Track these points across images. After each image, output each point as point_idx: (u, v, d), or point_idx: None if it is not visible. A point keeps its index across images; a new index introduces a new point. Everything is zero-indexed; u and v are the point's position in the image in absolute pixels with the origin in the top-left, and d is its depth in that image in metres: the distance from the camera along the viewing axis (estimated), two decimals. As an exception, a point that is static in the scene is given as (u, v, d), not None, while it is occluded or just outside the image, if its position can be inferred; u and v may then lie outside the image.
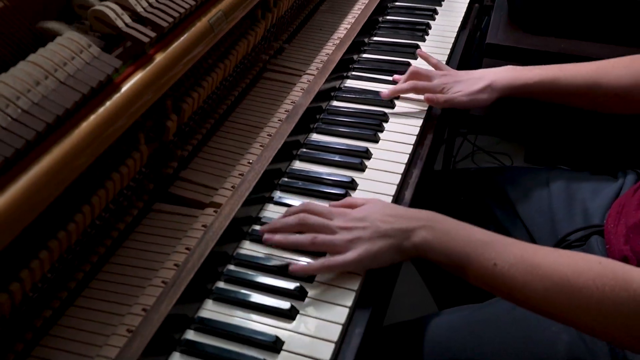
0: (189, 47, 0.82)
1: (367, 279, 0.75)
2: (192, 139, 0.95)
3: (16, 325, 0.65)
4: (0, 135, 0.57)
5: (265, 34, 1.11)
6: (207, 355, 0.68)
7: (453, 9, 1.37)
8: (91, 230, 0.74)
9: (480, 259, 0.70)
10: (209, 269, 0.75)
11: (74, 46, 0.68)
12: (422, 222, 0.74)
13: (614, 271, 0.63)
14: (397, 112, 1.05)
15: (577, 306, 0.65)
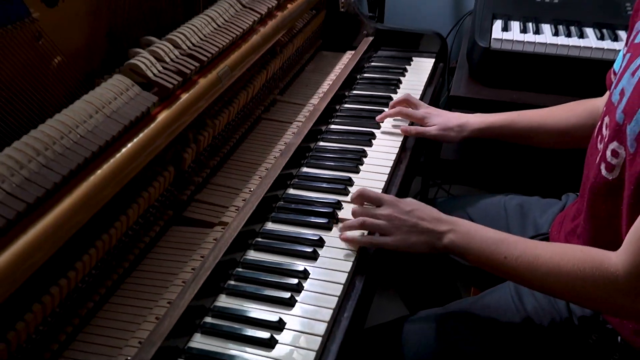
0: (202, 92, 1.01)
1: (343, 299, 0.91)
2: (202, 172, 1.13)
3: (69, 309, 0.80)
4: (65, 153, 0.75)
5: (262, 87, 1.32)
6: (223, 334, 0.83)
7: (420, 68, 1.59)
8: (125, 239, 0.90)
9: (494, 254, 0.88)
10: (221, 270, 0.91)
11: (122, 86, 0.87)
12: (451, 227, 0.92)
13: (591, 255, 0.82)
14: (374, 150, 1.24)
15: (566, 284, 0.82)
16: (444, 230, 0.92)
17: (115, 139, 0.84)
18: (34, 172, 0.71)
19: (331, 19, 1.70)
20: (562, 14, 1.65)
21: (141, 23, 1.09)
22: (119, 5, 1.01)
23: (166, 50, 1.00)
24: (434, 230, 0.92)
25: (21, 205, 0.67)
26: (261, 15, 1.25)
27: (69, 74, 0.91)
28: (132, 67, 0.95)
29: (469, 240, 0.90)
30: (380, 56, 1.65)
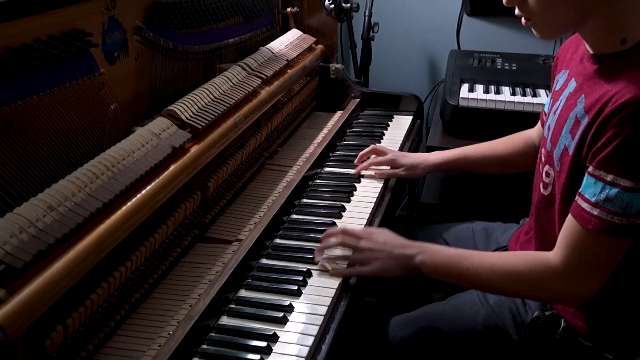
0: (224, 133, 1.27)
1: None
2: (221, 200, 1.36)
3: (107, 312, 1.01)
4: (122, 174, 0.99)
5: (266, 137, 1.58)
6: (244, 314, 1.04)
7: (400, 124, 1.87)
8: (161, 248, 1.12)
9: (457, 267, 1.09)
10: (240, 270, 1.13)
11: (163, 125, 1.12)
12: (419, 250, 1.13)
13: (535, 256, 1.05)
14: (362, 186, 1.49)
15: (519, 284, 1.05)
16: (414, 254, 1.13)
17: (157, 165, 1.08)
18: (108, 181, 0.95)
19: (323, 84, 1.99)
20: (519, 78, 1.96)
21: (173, 82, 1.35)
22: (157, 68, 1.28)
23: (195, 100, 1.26)
24: (406, 255, 1.13)
25: (87, 212, 0.89)
26: (266, 78, 1.53)
27: (122, 117, 1.17)
28: (170, 112, 1.20)
29: (435, 258, 1.12)
30: (366, 114, 1.93)
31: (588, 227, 0.96)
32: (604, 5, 0.97)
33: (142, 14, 1.22)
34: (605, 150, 0.93)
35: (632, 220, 0.93)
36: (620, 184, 0.92)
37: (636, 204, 0.92)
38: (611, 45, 0.99)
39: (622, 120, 0.91)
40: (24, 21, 0.91)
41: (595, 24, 1.00)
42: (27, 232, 0.81)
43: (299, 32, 1.89)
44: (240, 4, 1.64)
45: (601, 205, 0.94)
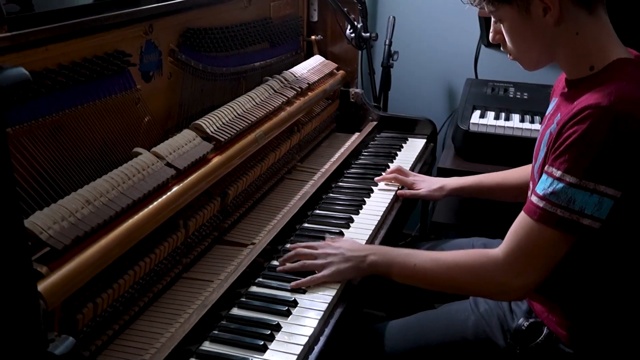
0: (245, 145, 1.40)
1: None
2: (241, 208, 1.49)
3: (132, 298, 1.14)
4: (152, 176, 1.13)
5: (286, 153, 1.71)
6: (254, 307, 1.16)
7: (414, 146, 1.98)
8: (182, 248, 1.25)
9: (407, 264, 1.20)
10: (253, 269, 1.25)
11: (189, 136, 1.26)
12: (372, 251, 1.24)
13: (480, 251, 1.15)
14: (372, 200, 1.60)
15: (465, 277, 1.15)
16: (366, 254, 1.23)
17: (182, 171, 1.21)
18: (138, 182, 1.09)
19: (343, 107, 2.12)
20: (529, 106, 2.06)
21: (201, 99, 1.50)
22: (187, 86, 1.43)
23: (220, 116, 1.40)
24: (358, 256, 1.23)
25: (119, 207, 1.03)
26: (288, 98, 1.67)
27: (154, 129, 1.32)
28: (197, 125, 1.35)
29: (387, 257, 1.22)
30: (382, 136, 2.05)
31: (533, 218, 1.06)
32: (566, 41, 1.11)
33: (176, 38, 1.37)
34: (559, 149, 1.04)
35: (575, 217, 1.03)
36: (566, 179, 1.02)
37: (579, 200, 1.02)
38: (581, 72, 1.12)
39: (577, 122, 1.02)
40: (74, 42, 1.07)
41: (564, 55, 1.13)
42: (67, 221, 0.95)
43: (321, 58, 2.03)
44: (266, 31, 1.79)
45: (547, 198, 1.04)
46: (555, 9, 1.07)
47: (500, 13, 1.13)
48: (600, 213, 1.02)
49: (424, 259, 1.19)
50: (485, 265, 1.12)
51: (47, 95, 1.02)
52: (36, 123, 1.00)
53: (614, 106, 1.00)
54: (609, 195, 1.02)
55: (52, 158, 1.04)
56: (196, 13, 1.43)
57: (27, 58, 0.97)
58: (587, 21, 1.10)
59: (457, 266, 1.15)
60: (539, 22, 1.09)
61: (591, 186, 1.01)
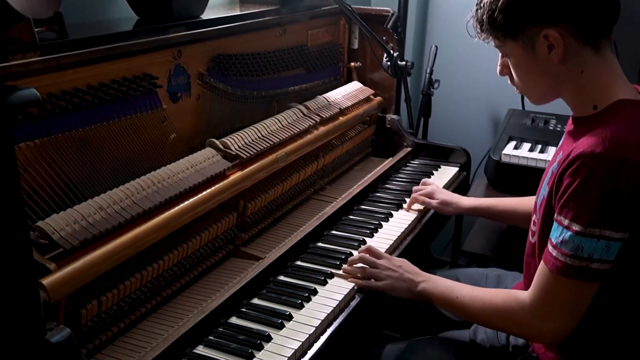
0: (265, 165, 1.49)
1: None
2: (261, 224, 1.57)
3: (144, 298, 1.24)
4: (168, 186, 1.23)
5: (313, 174, 1.78)
6: (251, 317, 1.23)
7: (445, 173, 2.00)
8: (196, 255, 1.35)
9: (450, 295, 1.25)
10: (258, 282, 1.33)
11: (209, 154, 1.36)
12: (425, 278, 1.31)
13: (513, 293, 1.18)
14: (389, 225, 1.64)
15: (495, 315, 1.18)
16: (420, 281, 1.30)
17: (197, 186, 1.31)
18: (152, 193, 1.19)
19: (380, 133, 2.17)
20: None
21: (231, 120, 1.60)
22: (215, 107, 1.54)
23: (244, 136, 1.50)
24: (413, 280, 1.31)
25: (129, 215, 1.14)
26: (315, 122, 1.74)
27: (180, 146, 1.42)
28: (222, 143, 1.44)
29: (435, 287, 1.28)
30: (415, 163, 2.09)
31: (548, 267, 1.07)
32: (571, 78, 1.12)
33: (206, 63, 1.49)
34: (563, 198, 1.05)
35: (584, 264, 1.03)
36: (573, 228, 1.03)
37: (586, 248, 1.02)
38: (585, 110, 1.12)
39: (574, 171, 1.02)
40: (103, 66, 1.19)
41: (569, 92, 1.14)
42: (79, 224, 1.06)
43: (359, 85, 2.10)
44: (302, 58, 1.88)
45: (559, 247, 1.05)
46: (560, 48, 1.09)
47: (507, 48, 1.16)
48: (608, 255, 1.03)
49: (464, 293, 1.24)
50: (514, 309, 1.14)
51: (75, 111, 1.15)
52: (62, 136, 1.13)
53: (608, 153, 1.00)
54: (615, 238, 1.02)
55: (78, 168, 1.17)
56: (228, 40, 1.54)
57: (57, 79, 1.10)
58: (592, 60, 1.11)
59: (490, 306, 1.18)
60: (544, 59, 1.11)
61: (597, 232, 1.02)
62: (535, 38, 1.10)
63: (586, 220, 1.02)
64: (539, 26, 1.09)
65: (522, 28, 1.10)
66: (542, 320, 1.10)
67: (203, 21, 1.42)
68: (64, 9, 1.12)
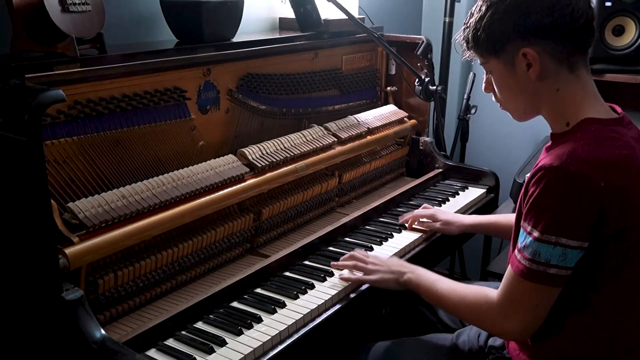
0: (281, 174, 1.65)
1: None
2: (279, 228, 1.73)
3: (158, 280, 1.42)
4: (188, 183, 1.42)
5: (336, 187, 1.91)
6: (249, 302, 1.38)
7: (470, 195, 2.07)
8: (213, 249, 1.52)
9: (432, 287, 1.35)
10: (268, 272, 1.47)
11: (230, 160, 1.55)
12: (411, 269, 1.42)
13: (482, 290, 1.25)
14: (400, 236, 1.74)
15: (468, 313, 1.27)
16: (405, 271, 1.41)
17: (213, 186, 1.49)
18: (170, 188, 1.39)
19: (413, 154, 2.28)
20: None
21: (259, 134, 1.78)
22: (243, 121, 1.72)
23: (266, 147, 1.67)
24: (400, 271, 1.41)
25: (147, 204, 1.33)
26: (340, 139, 1.89)
27: (208, 152, 1.61)
28: (241, 152, 1.63)
29: (419, 279, 1.38)
30: (443, 183, 2.17)
31: (513, 269, 1.15)
32: (547, 96, 1.20)
33: (235, 80, 1.68)
34: (527, 206, 1.13)
35: (542, 268, 1.10)
36: (533, 234, 1.11)
37: (544, 253, 1.09)
38: (559, 127, 1.20)
39: (536, 181, 1.10)
40: (137, 78, 1.41)
41: (546, 109, 1.22)
42: (102, 208, 1.27)
43: (393, 107, 2.23)
44: (335, 80, 2.05)
45: (522, 251, 1.13)
46: (537, 66, 1.17)
47: (490, 65, 1.26)
48: (565, 262, 1.10)
49: (444, 286, 1.33)
50: (483, 306, 1.23)
51: (110, 115, 1.37)
52: (98, 135, 1.35)
53: (565, 166, 1.07)
54: (572, 246, 1.09)
55: (110, 163, 1.38)
56: (258, 61, 1.73)
57: (95, 87, 1.33)
58: (567, 79, 1.18)
59: (463, 301, 1.27)
60: (523, 76, 1.20)
61: (553, 240, 1.09)
62: (515, 55, 1.19)
63: (543, 227, 1.09)
64: (519, 44, 1.17)
65: (503, 45, 1.19)
66: (505, 318, 1.18)
67: (231, 44, 1.62)
68: (117, 31, 1.35)
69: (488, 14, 1.19)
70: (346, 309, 1.42)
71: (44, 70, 1.22)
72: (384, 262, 1.46)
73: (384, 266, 1.44)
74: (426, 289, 1.35)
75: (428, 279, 1.37)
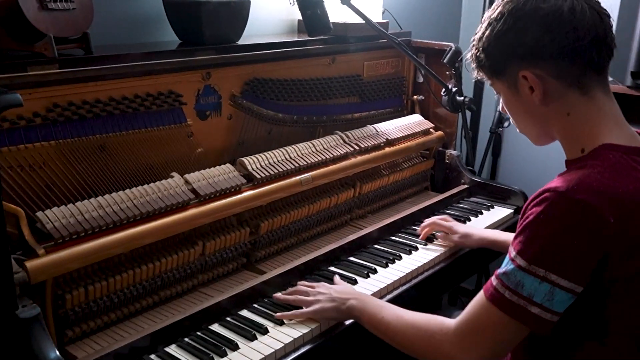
0: (283, 186, 1.54)
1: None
2: (279, 243, 1.62)
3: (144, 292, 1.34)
4: (180, 192, 1.33)
5: (349, 200, 1.79)
6: (229, 326, 1.28)
7: (495, 214, 1.91)
8: (205, 261, 1.43)
9: (376, 315, 1.22)
10: (252, 295, 1.37)
11: (227, 169, 1.45)
12: (355, 296, 1.29)
13: (436, 319, 1.12)
14: (410, 257, 1.61)
15: (417, 341, 1.13)
16: (348, 298, 1.28)
17: (207, 196, 1.40)
18: (155, 199, 1.30)
19: (438, 167, 2.13)
20: None
21: (266, 142, 1.68)
22: (248, 128, 1.63)
23: (268, 157, 1.57)
24: (342, 298, 1.28)
25: (125, 216, 1.25)
26: (354, 150, 1.76)
27: (207, 160, 1.52)
28: (240, 162, 1.53)
29: (364, 305, 1.25)
30: (468, 200, 2.01)
31: (486, 296, 1.01)
32: (557, 120, 1.07)
33: (239, 85, 1.59)
34: (519, 229, 0.99)
35: (522, 302, 0.96)
36: (517, 261, 0.97)
37: (527, 286, 0.95)
38: (574, 153, 1.05)
39: (536, 204, 0.97)
40: (126, 81, 1.33)
41: (559, 135, 1.09)
42: (75, 218, 1.19)
43: (419, 117, 2.09)
44: (355, 87, 1.92)
45: (500, 278, 0.99)
46: (538, 89, 1.04)
47: (496, 87, 1.13)
48: (551, 304, 0.96)
49: (390, 313, 1.20)
50: (436, 334, 1.09)
51: (94, 119, 1.29)
52: (80, 140, 1.28)
53: (571, 193, 0.94)
54: (562, 287, 0.95)
55: (94, 170, 1.31)
56: (266, 65, 1.63)
57: (77, 90, 1.26)
58: (579, 102, 1.04)
59: (413, 328, 1.14)
60: (528, 100, 1.07)
61: (541, 273, 0.95)
62: (516, 78, 1.06)
63: (531, 256, 0.96)
64: (518, 66, 1.04)
65: (504, 68, 1.07)
66: (460, 349, 1.04)
67: (233, 46, 1.53)
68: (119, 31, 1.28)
69: (486, 34, 1.07)
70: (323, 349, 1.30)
71: (18, 70, 1.15)
72: (328, 288, 1.34)
73: (325, 294, 1.31)
74: (370, 317, 1.22)
75: (375, 306, 1.24)
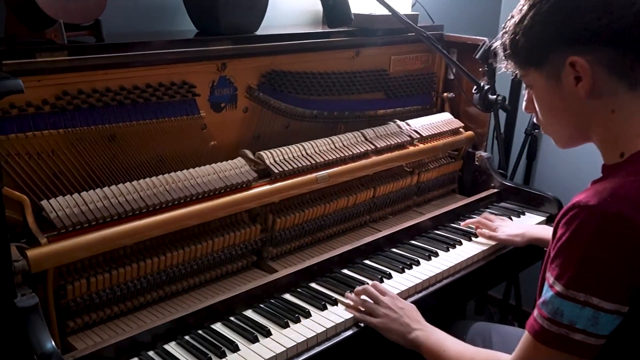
0: (299, 183, 1.49)
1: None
2: (293, 242, 1.58)
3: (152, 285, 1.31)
4: (190, 186, 1.30)
5: (369, 200, 1.73)
6: (232, 326, 1.24)
7: (526, 221, 1.81)
8: (213, 257, 1.40)
9: (439, 348, 1.17)
10: (259, 295, 1.33)
11: (239, 163, 1.41)
12: (422, 327, 1.23)
13: (493, 354, 1.09)
14: (427, 263, 1.54)
15: None
16: (415, 328, 1.22)
17: (217, 190, 1.36)
18: (162, 192, 1.27)
19: (466, 169, 2.04)
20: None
21: (284, 136, 1.63)
22: (264, 122, 1.58)
23: (286, 152, 1.52)
24: (409, 325, 1.23)
25: (130, 208, 1.22)
26: (375, 148, 1.70)
27: (220, 153, 1.49)
28: (259, 156, 1.49)
29: (427, 337, 1.20)
30: (498, 206, 1.92)
31: (527, 328, 0.95)
32: (599, 118, 0.97)
33: (257, 77, 1.54)
34: (553, 252, 0.91)
35: (563, 331, 0.89)
36: (555, 287, 0.89)
37: (567, 313, 0.88)
38: (613, 157, 0.97)
39: (566, 222, 0.89)
40: (138, 70, 1.31)
41: (597, 135, 0.99)
42: (79, 208, 1.17)
43: (448, 116, 2.01)
44: (380, 83, 1.86)
45: (540, 308, 0.92)
46: (587, 79, 0.93)
47: (530, 78, 1.03)
48: (597, 329, 0.88)
49: (452, 349, 1.16)
50: None
51: (104, 108, 1.27)
52: (89, 129, 1.26)
53: (603, 206, 0.86)
54: (606, 310, 0.87)
55: (103, 160, 1.29)
56: (285, 57, 1.58)
57: (86, 78, 1.24)
58: (626, 98, 0.94)
59: None
60: (570, 92, 0.96)
61: (581, 297, 0.87)
62: (561, 66, 0.95)
63: (568, 280, 0.88)
64: (565, 51, 0.94)
65: (547, 54, 0.96)
66: None
67: (250, 37, 1.48)
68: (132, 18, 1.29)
69: (529, 15, 0.96)
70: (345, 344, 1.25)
71: (27, 56, 1.14)
72: (399, 308, 1.27)
73: (395, 314, 1.25)
74: (432, 350, 1.18)
75: (436, 340, 1.19)
